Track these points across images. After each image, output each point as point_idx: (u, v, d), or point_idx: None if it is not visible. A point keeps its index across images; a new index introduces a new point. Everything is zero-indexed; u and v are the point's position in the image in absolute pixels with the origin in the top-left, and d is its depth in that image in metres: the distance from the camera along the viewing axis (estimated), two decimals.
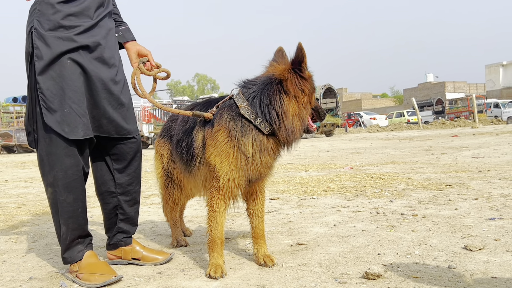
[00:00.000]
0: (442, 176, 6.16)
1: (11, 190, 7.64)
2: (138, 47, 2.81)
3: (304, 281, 2.31)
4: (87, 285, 2.40)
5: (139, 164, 2.77)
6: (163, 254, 2.78)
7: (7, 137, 30.37)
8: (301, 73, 2.44)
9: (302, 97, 2.44)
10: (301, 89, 2.44)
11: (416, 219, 3.63)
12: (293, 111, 2.42)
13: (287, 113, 2.41)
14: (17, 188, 7.79)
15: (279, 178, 7.25)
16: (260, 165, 2.51)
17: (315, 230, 3.45)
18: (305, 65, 2.46)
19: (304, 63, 2.45)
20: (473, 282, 2.20)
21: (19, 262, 3.00)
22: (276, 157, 2.60)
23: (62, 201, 2.45)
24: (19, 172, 11.81)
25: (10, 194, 7.02)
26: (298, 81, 2.44)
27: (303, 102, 2.45)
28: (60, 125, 2.38)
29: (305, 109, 2.47)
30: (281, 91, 2.43)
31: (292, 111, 2.42)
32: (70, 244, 2.51)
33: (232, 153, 2.47)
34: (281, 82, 2.45)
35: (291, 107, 2.42)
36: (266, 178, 2.70)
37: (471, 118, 31.84)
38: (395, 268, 2.45)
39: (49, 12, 2.41)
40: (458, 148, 10.86)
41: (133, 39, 2.83)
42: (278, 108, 2.41)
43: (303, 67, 2.45)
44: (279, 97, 2.43)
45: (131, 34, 2.84)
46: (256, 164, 2.49)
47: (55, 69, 2.39)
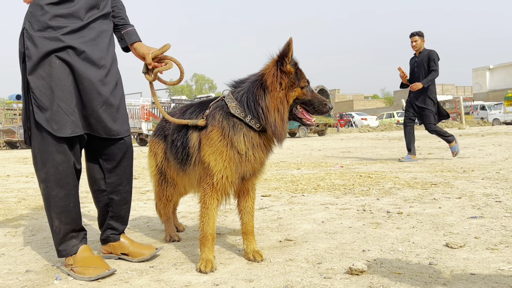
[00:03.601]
0: (428, 176, 6.30)
1: (13, 184, 7.69)
2: (140, 50, 2.85)
3: (290, 276, 2.41)
4: (81, 278, 2.49)
5: (129, 165, 2.84)
6: (149, 249, 2.83)
7: (11, 133, 31.24)
8: (281, 66, 2.53)
9: (278, 91, 2.52)
10: (279, 83, 2.52)
11: (401, 217, 3.75)
12: (273, 105, 2.51)
13: (269, 108, 2.50)
14: (18, 183, 7.83)
15: (272, 176, 7.35)
16: (254, 161, 2.61)
17: (303, 227, 3.55)
18: (288, 59, 2.53)
19: (287, 57, 2.52)
20: (452, 278, 2.31)
21: (16, 255, 3.07)
22: (268, 153, 2.69)
23: (54, 196, 2.53)
24: (21, 168, 11.83)
25: (11, 189, 7.08)
26: (276, 75, 2.52)
27: (280, 96, 2.52)
28: (49, 123, 2.46)
29: (281, 103, 2.52)
30: (263, 86, 2.53)
31: (273, 105, 2.51)
32: (64, 237, 2.59)
33: (226, 151, 2.56)
34: (263, 76, 2.55)
35: (271, 101, 2.51)
36: (259, 174, 2.78)
37: (458, 119, 32.19)
38: (379, 264, 2.56)
39: (39, 14, 2.50)
40: (445, 149, 11.02)
41: (136, 41, 2.88)
42: (263, 103, 2.51)
43: (285, 61, 2.52)
44: (263, 93, 2.52)
45: (133, 36, 2.88)
46: (249, 161, 2.59)
47: (44, 69, 2.47)
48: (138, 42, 2.88)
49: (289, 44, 2.51)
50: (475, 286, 2.18)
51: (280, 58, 2.53)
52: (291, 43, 2.51)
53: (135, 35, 2.88)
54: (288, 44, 2.51)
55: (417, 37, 8.83)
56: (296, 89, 2.57)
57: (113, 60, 2.73)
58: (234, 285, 2.32)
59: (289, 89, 2.54)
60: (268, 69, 2.56)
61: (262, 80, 2.55)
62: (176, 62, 2.85)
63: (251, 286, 2.29)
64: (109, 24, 2.76)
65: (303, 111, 2.64)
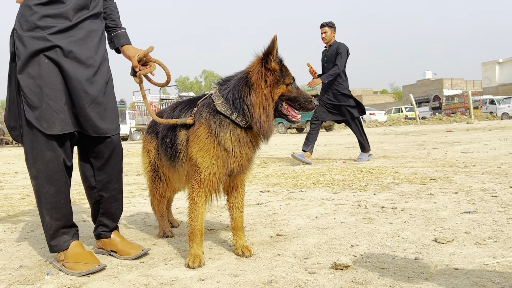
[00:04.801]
0: (428, 171, 6.29)
1: (19, 181, 7.80)
2: (127, 52, 2.91)
3: (275, 271, 2.44)
4: (72, 273, 2.54)
5: (118, 163, 2.88)
6: (137, 249, 2.85)
7: None
8: (266, 64, 2.56)
9: (263, 88, 2.55)
10: (263, 80, 2.55)
11: (395, 212, 3.76)
12: (258, 103, 2.54)
13: (254, 105, 2.53)
14: (25, 179, 7.94)
15: (273, 171, 7.38)
16: (240, 158, 2.64)
17: (296, 222, 3.58)
18: (272, 57, 2.55)
19: (271, 54, 2.55)
20: (436, 273, 2.33)
21: (12, 251, 3.14)
22: (255, 149, 2.73)
23: (45, 193, 2.59)
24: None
25: (17, 186, 7.19)
26: (261, 72, 2.55)
27: (265, 93, 2.55)
28: (39, 121, 2.51)
29: (266, 100, 2.55)
30: (248, 83, 2.57)
31: (258, 103, 2.54)
32: (55, 233, 2.65)
33: (213, 148, 2.60)
34: (248, 74, 2.59)
35: (257, 98, 2.54)
36: (246, 171, 2.81)
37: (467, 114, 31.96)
38: (365, 259, 2.58)
39: (27, 14, 2.55)
40: (450, 143, 10.97)
41: (125, 44, 2.92)
42: (248, 100, 2.54)
43: (270, 58, 2.55)
44: (248, 90, 2.56)
45: (122, 39, 2.92)
46: (236, 157, 2.63)
47: (33, 68, 2.52)
48: (126, 45, 2.92)
49: (274, 41, 2.54)
50: (457, 280, 2.20)
51: (265, 56, 2.56)
52: (275, 40, 2.53)
53: (124, 38, 2.93)
54: (273, 41, 2.54)
55: (327, 28, 8.08)
56: (281, 86, 2.59)
57: (103, 59, 2.77)
58: (220, 280, 2.36)
59: (274, 86, 2.57)
60: (253, 66, 2.59)
61: (247, 78, 2.58)
62: (161, 64, 2.90)
63: (235, 281, 2.33)
64: (99, 24, 2.80)
65: (289, 108, 2.67)
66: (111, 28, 2.94)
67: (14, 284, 2.44)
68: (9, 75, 2.67)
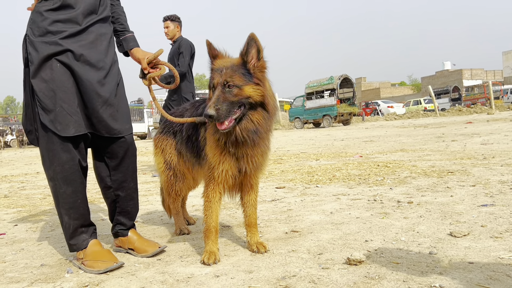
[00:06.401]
0: (446, 164, 6.23)
1: (40, 181, 7.98)
2: (136, 55, 2.99)
3: (289, 267, 2.46)
4: (91, 271, 2.61)
5: (132, 162, 2.95)
6: (153, 246, 2.90)
7: None
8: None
9: None
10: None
11: (411, 206, 3.74)
12: None
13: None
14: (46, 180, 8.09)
15: (289, 167, 7.40)
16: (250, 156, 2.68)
17: (311, 218, 3.60)
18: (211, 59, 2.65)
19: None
20: (449, 267, 2.32)
21: (34, 250, 3.23)
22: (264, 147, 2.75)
23: (62, 193, 2.66)
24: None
25: (38, 186, 7.36)
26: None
27: None
28: (53, 124, 2.58)
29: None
30: None
31: None
32: (74, 232, 2.72)
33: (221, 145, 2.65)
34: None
35: None
36: (259, 168, 2.82)
37: (487, 104, 31.40)
38: (379, 254, 2.58)
39: (39, 20, 2.62)
40: (470, 135, 10.83)
41: (133, 47, 3.01)
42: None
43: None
44: None
45: (131, 42, 3.01)
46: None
47: (46, 72, 2.59)
48: (134, 48, 2.98)
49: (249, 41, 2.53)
50: (471, 274, 2.19)
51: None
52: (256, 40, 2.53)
53: (132, 42, 3.01)
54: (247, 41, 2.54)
55: (169, 22, 7.07)
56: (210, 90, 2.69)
57: (113, 61, 2.83)
58: (234, 276, 2.39)
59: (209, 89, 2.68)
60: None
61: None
62: (170, 66, 2.96)
63: (250, 277, 2.36)
64: (108, 27, 2.86)
65: None
66: (120, 32, 3.01)
67: (35, 282, 2.52)
68: (24, 80, 2.74)
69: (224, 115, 2.45)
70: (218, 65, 2.58)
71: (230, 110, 2.47)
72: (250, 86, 2.50)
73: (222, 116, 2.45)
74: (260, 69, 2.54)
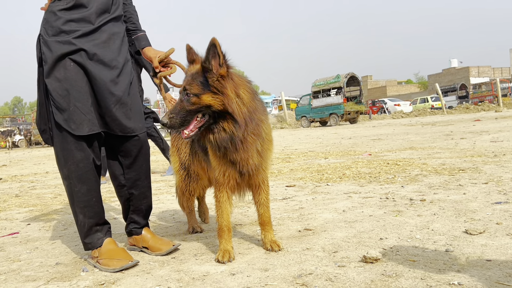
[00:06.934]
0: (457, 161, 6.19)
1: (50, 181, 8.03)
2: (148, 54, 3.00)
3: (305, 265, 2.46)
4: (106, 269, 2.61)
5: (145, 160, 2.95)
6: (167, 245, 2.90)
7: None
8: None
9: None
10: None
11: (424, 204, 3.72)
12: None
13: None
14: (56, 179, 8.16)
15: (298, 166, 7.39)
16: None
17: (324, 216, 3.59)
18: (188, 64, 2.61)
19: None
20: (467, 265, 2.30)
21: (48, 248, 3.24)
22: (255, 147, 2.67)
23: (77, 192, 2.67)
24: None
25: (48, 185, 7.41)
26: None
27: None
28: (67, 123, 2.59)
29: None
30: None
31: None
32: (89, 231, 2.73)
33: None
34: None
35: None
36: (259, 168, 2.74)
37: (495, 102, 31.22)
38: (394, 252, 2.57)
39: (52, 19, 2.63)
40: (478, 133, 10.76)
41: (145, 46, 3.02)
42: None
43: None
44: None
45: (143, 41, 3.02)
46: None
47: (59, 72, 2.61)
48: (147, 47, 3.00)
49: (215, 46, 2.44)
50: (490, 272, 2.17)
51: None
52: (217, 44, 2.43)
53: (145, 41, 3.02)
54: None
55: None
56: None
57: (126, 60, 2.84)
58: (250, 274, 2.39)
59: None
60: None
61: None
62: (181, 66, 2.95)
63: (266, 275, 2.35)
64: (120, 26, 2.87)
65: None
66: (132, 31, 3.02)
67: (52, 280, 2.53)
68: (38, 79, 2.75)
69: (178, 124, 2.44)
70: (189, 71, 2.54)
71: (185, 119, 2.44)
72: (209, 95, 2.41)
73: (175, 124, 2.44)
74: (219, 76, 2.42)
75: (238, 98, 2.45)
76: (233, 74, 2.49)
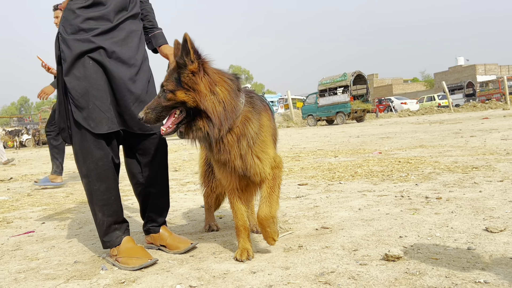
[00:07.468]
0: (469, 159, 6.15)
1: None
2: (164, 51, 3.00)
3: (326, 263, 2.44)
4: (126, 268, 2.61)
5: (163, 158, 2.95)
6: (185, 243, 2.89)
7: None
8: None
9: None
10: None
11: (440, 202, 3.70)
12: None
13: None
14: (66, 178, 8.16)
15: (309, 164, 7.36)
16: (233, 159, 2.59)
17: (340, 214, 3.57)
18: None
19: None
20: (491, 262, 2.28)
21: (65, 247, 3.24)
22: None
23: (96, 190, 2.67)
24: (68, 163, 12.27)
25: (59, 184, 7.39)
26: None
27: None
28: (87, 121, 2.59)
29: None
30: None
31: None
32: (107, 229, 2.73)
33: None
34: None
35: None
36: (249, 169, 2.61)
37: (502, 100, 31.05)
38: (415, 250, 2.55)
39: (71, 18, 2.63)
40: (488, 131, 10.69)
41: (162, 44, 3.02)
42: None
43: None
44: None
45: (160, 39, 3.02)
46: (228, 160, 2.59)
47: (79, 70, 2.61)
48: (163, 45, 2.99)
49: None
50: None
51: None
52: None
53: (162, 39, 3.02)
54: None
55: (59, 11, 6.19)
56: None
57: (144, 58, 2.84)
58: (271, 272, 2.37)
59: None
60: None
61: None
62: None
63: (287, 273, 2.34)
64: (138, 24, 2.87)
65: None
66: (149, 29, 3.02)
67: (71, 279, 2.52)
68: (57, 78, 2.76)
69: (153, 119, 2.41)
70: (169, 67, 2.51)
71: (160, 115, 2.41)
72: (182, 91, 2.36)
73: (150, 120, 2.41)
74: (190, 72, 2.35)
75: (213, 95, 2.37)
76: (209, 69, 2.41)
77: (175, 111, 2.42)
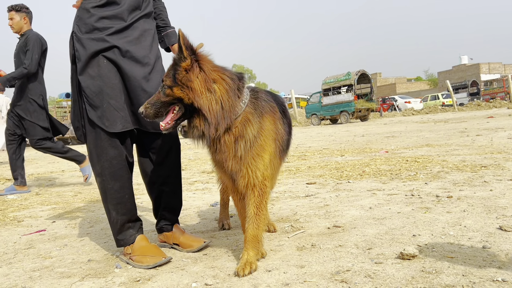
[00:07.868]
0: (477, 158, 6.14)
1: (68, 179, 8.05)
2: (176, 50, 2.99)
3: (341, 262, 2.44)
4: (140, 266, 2.61)
5: (176, 157, 2.95)
6: (198, 241, 2.89)
7: None
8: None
9: None
10: None
11: (451, 200, 3.69)
12: None
13: None
14: (73, 177, 8.19)
15: (315, 163, 7.36)
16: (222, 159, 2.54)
17: (351, 213, 3.57)
18: None
19: None
20: (508, 261, 2.27)
21: (78, 245, 3.25)
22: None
23: (110, 189, 2.68)
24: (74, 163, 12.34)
25: (67, 183, 7.44)
26: None
27: None
28: (101, 120, 2.60)
29: None
30: None
31: None
32: (121, 227, 2.74)
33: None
34: None
35: None
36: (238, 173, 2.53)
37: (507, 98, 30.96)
38: (430, 249, 2.54)
39: (85, 16, 2.64)
40: (494, 129, 10.66)
41: (175, 43, 3.03)
42: None
43: None
44: None
45: (172, 38, 3.04)
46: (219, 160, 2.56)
47: (93, 69, 2.62)
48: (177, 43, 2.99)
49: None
50: None
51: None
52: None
53: (174, 37, 3.04)
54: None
55: (14, 13, 6.16)
56: None
57: (157, 57, 2.85)
58: (286, 270, 2.38)
59: None
60: None
61: None
62: None
63: (302, 271, 2.34)
64: (151, 23, 2.88)
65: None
66: (161, 28, 3.03)
67: (86, 277, 2.53)
68: (71, 77, 2.76)
69: (152, 114, 2.40)
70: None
71: (159, 110, 2.40)
72: (178, 88, 2.32)
73: (149, 115, 2.40)
74: (183, 70, 2.32)
75: (209, 93, 2.31)
76: (206, 66, 2.35)
77: (174, 107, 2.41)
